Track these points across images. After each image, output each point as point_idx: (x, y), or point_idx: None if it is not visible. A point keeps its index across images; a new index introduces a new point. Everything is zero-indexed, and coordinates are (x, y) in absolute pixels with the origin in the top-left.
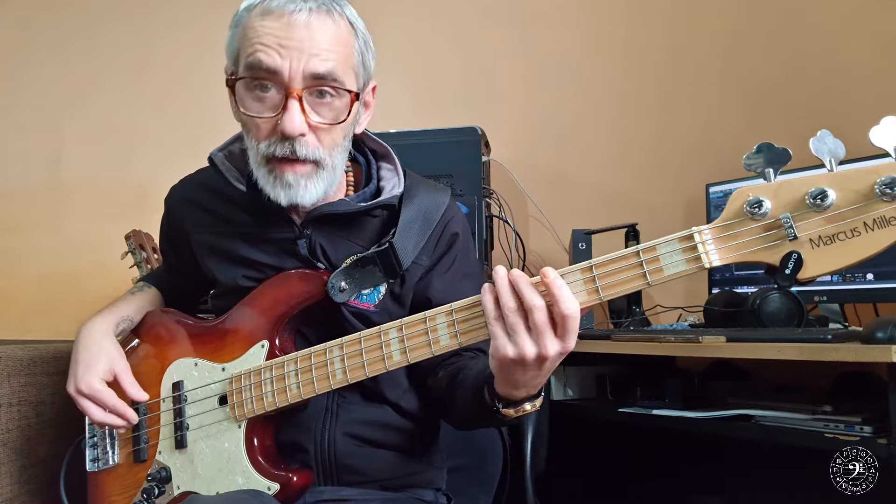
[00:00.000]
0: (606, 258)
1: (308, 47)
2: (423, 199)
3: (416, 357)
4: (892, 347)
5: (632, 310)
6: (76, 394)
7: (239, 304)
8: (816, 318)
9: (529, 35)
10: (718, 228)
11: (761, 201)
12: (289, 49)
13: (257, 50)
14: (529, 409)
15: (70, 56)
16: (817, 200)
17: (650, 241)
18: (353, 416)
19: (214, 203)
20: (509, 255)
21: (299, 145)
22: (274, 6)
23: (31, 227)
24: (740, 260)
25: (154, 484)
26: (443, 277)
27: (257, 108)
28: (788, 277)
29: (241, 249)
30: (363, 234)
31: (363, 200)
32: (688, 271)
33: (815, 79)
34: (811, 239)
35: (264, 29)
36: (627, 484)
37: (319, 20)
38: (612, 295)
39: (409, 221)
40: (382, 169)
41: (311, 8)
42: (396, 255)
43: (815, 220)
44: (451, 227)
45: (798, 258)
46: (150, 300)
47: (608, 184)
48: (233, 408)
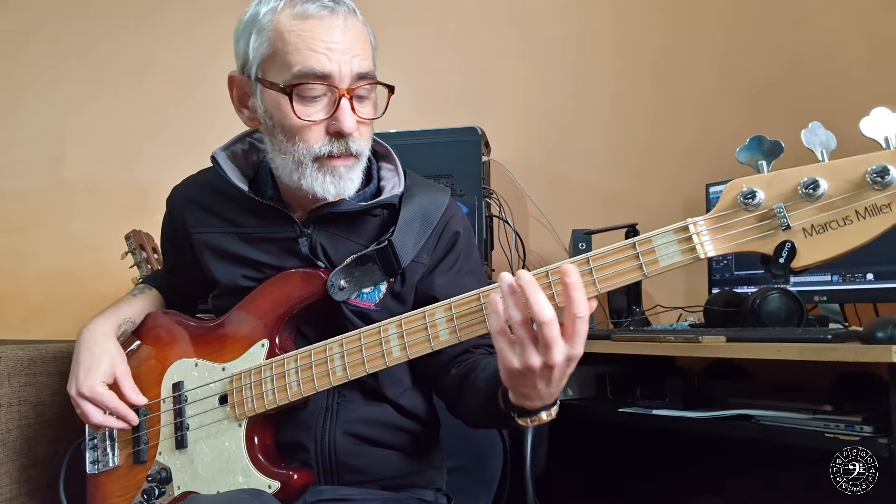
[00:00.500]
0: (603, 250)
1: (350, 49)
2: (423, 198)
3: (415, 352)
4: (892, 347)
5: (632, 310)
6: (77, 396)
7: (239, 303)
8: (816, 317)
9: (529, 35)
10: (713, 219)
11: (755, 192)
12: (337, 52)
13: (305, 55)
14: (546, 419)
15: (72, 58)
16: (809, 190)
17: (646, 234)
18: (353, 414)
19: (216, 203)
20: (509, 255)
21: (352, 142)
22: (312, 11)
23: (32, 227)
24: (735, 250)
25: (154, 485)
26: (446, 275)
27: (309, 112)
28: (782, 266)
29: (242, 249)
30: (363, 234)
31: (363, 200)
32: (683, 262)
33: (813, 78)
34: (804, 228)
35: (307, 31)
36: (627, 484)
37: (351, 22)
38: (609, 287)
39: (408, 220)
40: (383, 169)
41: (343, 11)
42: (396, 253)
43: (808, 209)
44: (453, 226)
45: (791, 247)
46: (151, 302)
47: (608, 184)
48: (233, 407)
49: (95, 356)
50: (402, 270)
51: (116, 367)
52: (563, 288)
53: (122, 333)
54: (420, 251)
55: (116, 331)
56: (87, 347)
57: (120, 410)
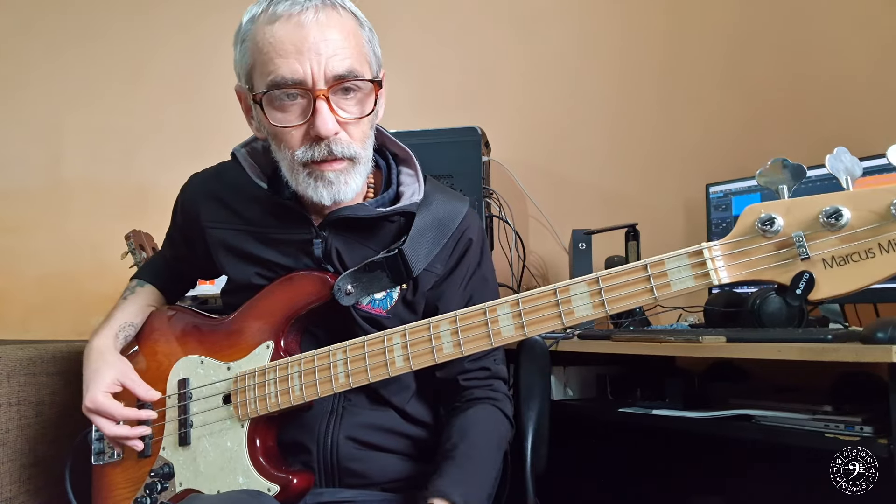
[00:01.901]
0: (613, 271)
1: (324, 48)
2: (440, 207)
3: (419, 364)
4: (892, 347)
5: (632, 310)
6: (86, 412)
7: (247, 303)
8: (816, 318)
9: (529, 35)
10: (729, 245)
11: (773, 218)
12: (306, 53)
13: (277, 63)
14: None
15: (71, 57)
16: (831, 220)
17: (658, 256)
18: (357, 419)
19: (234, 199)
20: (509, 256)
21: (335, 144)
22: (280, 11)
23: (31, 227)
24: (750, 278)
25: (157, 479)
26: (455, 286)
27: (286, 119)
28: (799, 298)
29: (257, 248)
30: (379, 240)
31: (382, 205)
32: (695, 287)
33: (816, 79)
34: (824, 259)
35: (276, 37)
36: (627, 484)
37: (327, 16)
38: (618, 309)
39: (422, 229)
40: (403, 174)
41: (315, 5)
42: (406, 261)
43: (829, 239)
44: (468, 236)
45: (810, 278)
46: (144, 300)
47: (608, 184)
48: (236, 407)
49: (95, 370)
50: (416, 279)
51: (120, 374)
52: None
53: (123, 338)
54: (434, 260)
55: (115, 341)
56: (87, 363)
57: (128, 416)
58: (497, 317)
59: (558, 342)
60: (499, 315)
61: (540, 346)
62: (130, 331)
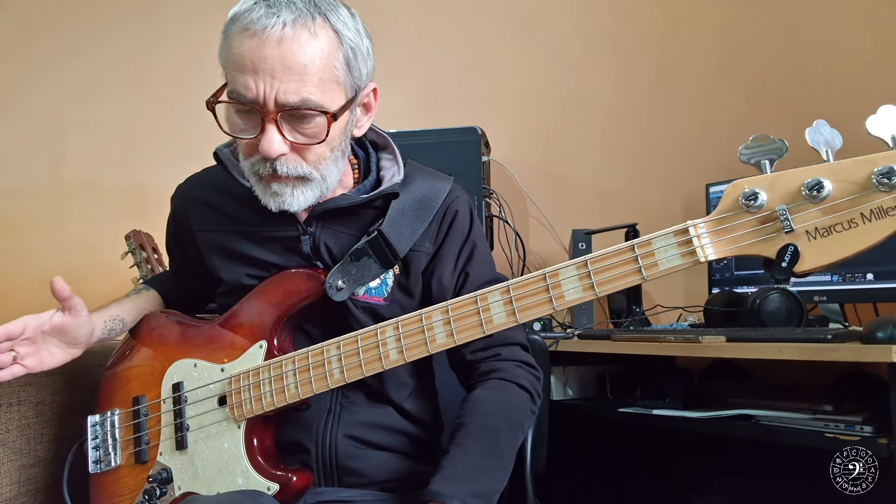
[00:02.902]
0: (601, 253)
1: (280, 71)
2: (421, 185)
3: (413, 355)
4: (892, 347)
5: (632, 310)
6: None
7: (238, 304)
8: (816, 318)
9: (528, 35)
10: (713, 222)
11: (757, 193)
12: (261, 74)
13: (235, 76)
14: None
15: (72, 58)
16: (813, 192)
17: (645, 236)
18: (355, 417)
19: (219, 200)
20: (509, 256)
21: (280, 164)
22: (253, 19)
23: (32, 227)
24: (736, 253)
25: (155, 485)
26: (448, 259)
27: (240, 128)
28: (785, 271)
29: (245, 247)
30: (364, 227)
31: (364, 193)
32: (683, 265)
33: (813, 77)
34: (807, 231)
35: (240, 50)
36: (627, 484)
37: (294, 36)
38: (608, 290)
39: (401, 208)
40: (382, 160)
41: (285, 22)
42: (389, 242)
43: (812, 211)
44: (454, 208)
45: (794, 251)
46: (146, 302)
47: (608, 184)
48: (232, 408)
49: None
50: (406, 261)
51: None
52: None
53: (109, 330)
54: (421, 239)
55: (102, 326)
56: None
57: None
58: (489, 304)
59: (558, 342)
60: (490, 303)
61: (539, 346)
62: (118, 325)
